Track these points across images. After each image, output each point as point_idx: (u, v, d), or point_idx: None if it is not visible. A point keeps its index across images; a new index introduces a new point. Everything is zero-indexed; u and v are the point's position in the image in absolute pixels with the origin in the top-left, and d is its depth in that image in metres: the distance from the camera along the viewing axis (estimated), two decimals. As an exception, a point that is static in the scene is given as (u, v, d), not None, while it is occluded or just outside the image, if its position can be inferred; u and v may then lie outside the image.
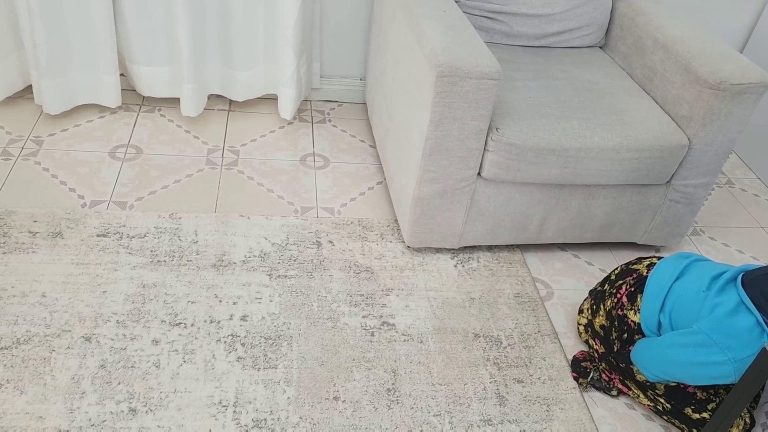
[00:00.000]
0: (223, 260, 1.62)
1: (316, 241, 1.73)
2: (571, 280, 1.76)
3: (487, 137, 1.50)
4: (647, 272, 1.41)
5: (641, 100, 1.69)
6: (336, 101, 2.37)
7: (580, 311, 1.57)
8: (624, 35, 1.87)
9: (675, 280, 1.34)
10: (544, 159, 1.52)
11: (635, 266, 1.46)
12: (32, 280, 1.49)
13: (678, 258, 1.39)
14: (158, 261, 1.59)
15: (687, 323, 1.28)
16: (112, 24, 1.94)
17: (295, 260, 1.66)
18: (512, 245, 1.82)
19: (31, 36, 1.87)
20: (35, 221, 1.65)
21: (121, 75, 2.18)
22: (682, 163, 1.63)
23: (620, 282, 1.45)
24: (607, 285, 1.49)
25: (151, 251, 1.62)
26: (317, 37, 2.18)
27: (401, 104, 1.68)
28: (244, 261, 1.63)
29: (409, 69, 1.58)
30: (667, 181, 1.68)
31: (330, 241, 1.73)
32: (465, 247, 1.79)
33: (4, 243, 1.58)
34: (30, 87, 2.13)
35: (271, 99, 2.30)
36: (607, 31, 1.95)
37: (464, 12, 1.84)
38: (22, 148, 1.92)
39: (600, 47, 1.98)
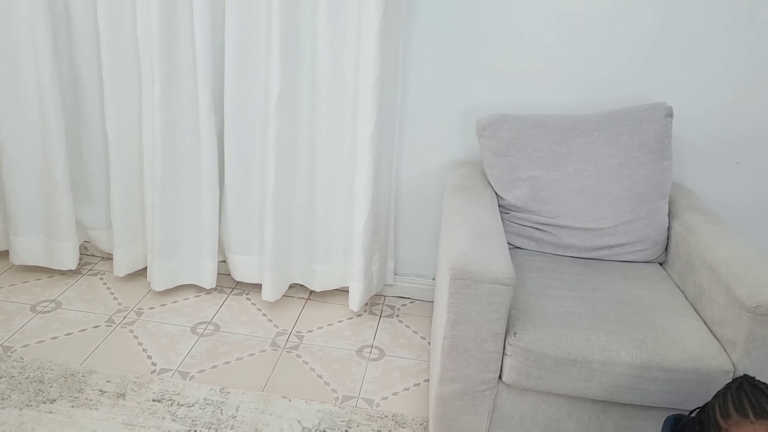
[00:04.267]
0: (252, 438, 1.70)
1: (345, 430, 1.76)
2: None
3: (505, 341, 1.52)
4: None
5: (687, 319, 1.62)
6: (408, 298, 2.50)
7: None
8: (679, 253, 1.85)
9: None
10: (564, 369, 1.49)
11: None
12: (84, 433, 1.67)
13: None
14: (195, 431, 1.71)
15: None
16: (216, 218, 2.30)
17: (319, 447, 1.69)
18: (547, 462, 1.70)
19: (152, 225, 2.27)
20: (108, 381, 1.88)
21: (222, 261, 2.50)
22: (730, 390, 1.49)
23: None
24: None
25: (192, 421, 1.74)
26: (391, 237, 2.39)
27: (439, 304, 1.76)
28: (271, 441, 1.69)
29: (444, 272, 1.69)
30: (719, 410, 1.53)
31: (359, 433, 1.75)
32: (496, 457, 1.71)
33: (75, 398, 1.80)
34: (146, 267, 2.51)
35: (346, 291, 2.49)
36: (667, 248, 1.94)
37: (515, 223, 1.95)
38: (124, 317, 2.23)
39: (660, 263, 1.96)
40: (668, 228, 1.94)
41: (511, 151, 1.92)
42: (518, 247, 1.96)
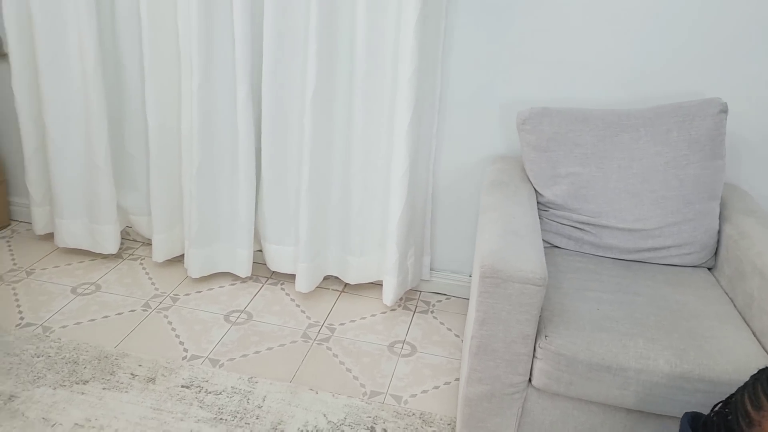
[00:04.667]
0: (276, 429, 1.69)
1: (371, 426, 1.73)
2: None
3: (535, 344, 1.46)
4: None
5: (734, 329, 1.52)
6: (444, 294, 2.45)
7: None
8: (729, 258, 1.74)
9: None
10: (598, 376, 1.42)
11: None
12: (113, 416, 1.69)
13: None
14: (221, 419, 1.71)
15: None
16: (252, 208, 2.30)
17: (343, 442, 1.67)
18: (578, 470, 1.63)
19: (189, 213, 2.29)
20: (140, 365, 1.90)
21: (259, 250, 2.51)
22: (779, 406, 1.40)
23: None
24: None
25: (219, 408, 1.75)
26: (428, 232, 2.34)
27: (471, 303, 1.71)
28: (295, 433, 1.68)
29: (475, 270, 1.64)
30: (766, 426, 1.43)
31: (384, 429, 1.72)
32: (525, 463, 1.65)
33: (107, 380, 1.83)
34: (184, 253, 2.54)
35: (381, 285, 2.46)
36: (716, 252, 1.84)
37: (553, 221, 1.88)
38: (160, 303, 2.26)
39: (709, 268, 1.85)
40: (719, 231, 1.83)
41: (551, 146, 1.85)
42: (556, 247, 1.89)
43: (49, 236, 2.65)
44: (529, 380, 1.50)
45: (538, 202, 1.90)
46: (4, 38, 2.45)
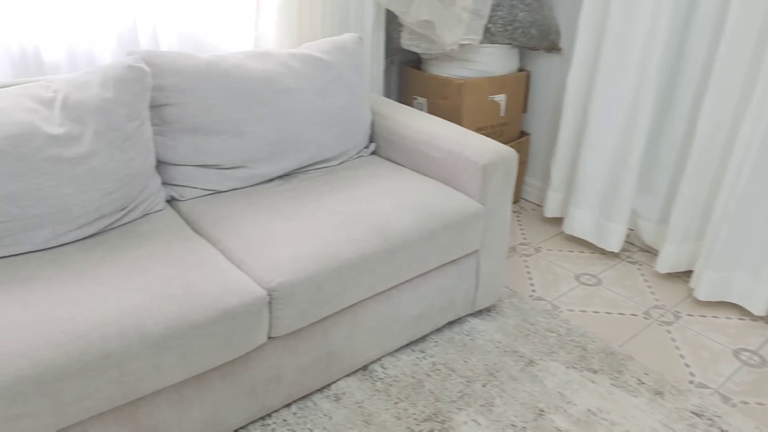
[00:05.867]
0: (810, 506, 1.46)
1: None
2: None
3: None
4: None
5: None
6: None
7: None
8: None
9: None
10: None
11: None
12: (623, 415, 1.70)
13: None
14: (739, 466, 1.56)
15: None
16: (793, 243, 2.03)
17: None
18: None
19: (715, 232, 2.14)
20: (646, 374, 1.87)
21: (778, 291, 2.21)
22: None
23: None
24: None
25: (736, 453, 1.60)
26: None
27: None
28: None
29: None
30: None
31: None
32: None
33: (615, 378, 1.85)
34: (690, 271, 2.41)
35: None
36: None
37: None
38: (662, 315, 2.19)
39: None
40: None
41: None
42: None
43: (555, 220, 2.83)
44: None
45: None
46: (565, 34, 2.66)
